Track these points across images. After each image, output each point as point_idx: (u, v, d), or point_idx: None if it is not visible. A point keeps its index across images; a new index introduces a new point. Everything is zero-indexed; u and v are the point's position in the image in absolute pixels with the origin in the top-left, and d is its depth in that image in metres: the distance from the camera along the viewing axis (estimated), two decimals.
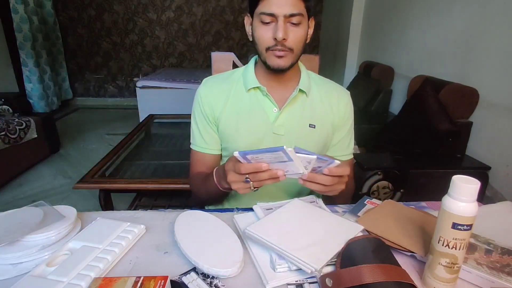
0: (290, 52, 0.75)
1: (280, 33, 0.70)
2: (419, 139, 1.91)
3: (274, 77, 0.83)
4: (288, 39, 0.73)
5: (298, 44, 0.75)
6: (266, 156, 0.59)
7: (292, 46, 0.74)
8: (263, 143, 0.82)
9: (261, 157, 0.59)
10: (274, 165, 0.61)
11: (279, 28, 0.70)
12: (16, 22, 3.74)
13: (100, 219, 0.66)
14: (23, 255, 0.56)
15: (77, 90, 5.16)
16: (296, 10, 0.70)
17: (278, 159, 0.59)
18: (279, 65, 0.76)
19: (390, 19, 2.98)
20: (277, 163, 0.60)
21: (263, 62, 0.79)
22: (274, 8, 0.70)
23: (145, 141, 2.51)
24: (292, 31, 0.73)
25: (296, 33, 0.73)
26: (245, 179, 0.62)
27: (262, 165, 0.60)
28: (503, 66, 1.66)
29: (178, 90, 3.72)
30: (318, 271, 0.51)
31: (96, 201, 1.67)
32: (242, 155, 0.60)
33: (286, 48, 0.74)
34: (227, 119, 0.84)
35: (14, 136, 2.45)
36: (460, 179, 0.48)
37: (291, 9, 0.70)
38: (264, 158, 0.59)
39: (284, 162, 0.59)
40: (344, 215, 0.72)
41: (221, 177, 0.72)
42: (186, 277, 0.53)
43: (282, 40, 0.72)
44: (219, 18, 5.01)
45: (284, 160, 0.58)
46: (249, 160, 0.61)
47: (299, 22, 0.72)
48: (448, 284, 0.50)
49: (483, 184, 1.65)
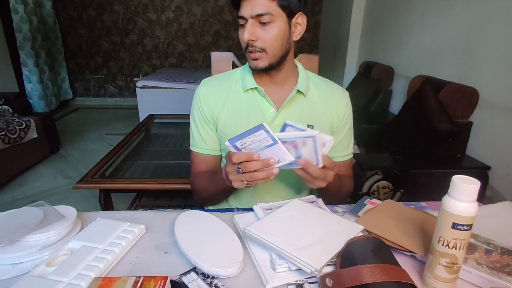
0: (264, 53, 0.74)
1: (245, 34, 0.72)
2: (419, 139, 1.91)
3: (267, 77, 0.83)
4: (258, 39, 0.73)
5: (271, 44, 0.73)
6: (252, 142, 0.61)
7: (263, 46, 0.73)
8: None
9: (248, 144, 0.62)
10: (264, 153, 0.63)
11: (245, 29, 0.72)
12: (16, 22, 3.74)
13: (100, 219, 0.66)
14: (23, 255, 0.56)
15: (77, 90, 5.16)
16: (262, 10, 0.70)
17: (264, 142, 0.61)
18: (256, 66, 0.76)
19: (390, 19, 2.98)
20: (266, 149, 0.62)
21: None
22: (242, 10, 0.72)
23: (145, 141, 2.50)
24: (262, 31, 0.72)
25: (267, 33, 0.72)
26: (236, 169, 0.65)
27: (253, 155, 0.63)
28: (503, 66, 1.66)
29: (178, 90, 3.72)
30: (318, 271, 0.51)
31: (96, 201, 1.67)
32: (232, 143, 0.63)
33: (258, 49, 0.74)
34: (226, 119, 0.84)
35: (14, 136, 2.45)
36: (460, 179, 0.48)
37: (257, 10, 0.70)
38: (253, 145, 0.62)
39: (271, 146, 0.61)
40: (344, 215, 0.72)
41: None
42: (186, 277, 0.53)
43: (250, 41, 0.73)
44: (218, 18, 5.01)
45: (270, 143, 0.61)
46: (239, 149, 0.64)
47: (269, 21, 0.71)
48: (448, 284, 0.50)
49: (483, 184, 1.66)
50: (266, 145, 0.62)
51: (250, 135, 0.60)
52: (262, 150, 0.63)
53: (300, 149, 0.64)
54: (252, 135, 0.60)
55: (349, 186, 0.90)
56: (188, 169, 0.94)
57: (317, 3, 4.91)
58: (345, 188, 0.88)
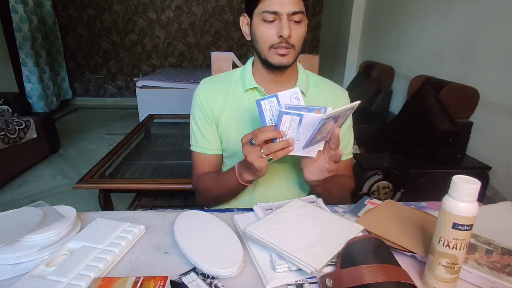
0: (293, 49, 0.76)
1: (286, 30, 0.71)
2: (419, 139, 1.91)
3: (272, 77, 0.83)
4: (292, 36, 0.74)
5: (299, 41, 0.76)
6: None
7: (294, 43, 0.75)
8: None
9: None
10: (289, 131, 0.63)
11: (284, 25, 0.71)
12: (15, 22, 3.74)
13: (100, 219, 0.66)
14: (23, 255, 0.56)
15: (76, 90, 5.16)
16: (298, 8, 0.72)
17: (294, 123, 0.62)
18: (282, 62, 0.76)
19: (390, 19, 2.98)
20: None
21: (263, 60, 0.79)
22: (277, 6, 0.71)
23: (145, 141, 2.50)
24: (294, 29, 0.74)
25: (298, 30, 0.75)
26: (250, 141, 0.65)
27: (278, 133, 0.63)
28: (503, 66, 1.66)
29: (178, 90, 3.72)
30: (318, 271, 0.51)
31: (96, 201, 1.67)
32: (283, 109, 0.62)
33: (290, 45, 0.75)
34: (227, 119, 0.84)
35: (13, 136, 2.45)
36: (461, 179, 0.48)
37: (294, 7, 0.71)
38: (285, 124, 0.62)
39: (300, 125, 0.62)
40: (344, 215, 0.72)
41: (243, 167, 0.73)
42: (186, 277, 0.53)
43: (287, 38, 0.73)
44: (219, 17, 5.01)
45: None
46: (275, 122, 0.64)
47: (300, 20, 0.74)
48: (448, 284, 0.50)
49: (484, 184, 1.65)
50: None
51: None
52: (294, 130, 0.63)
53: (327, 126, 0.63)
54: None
55: (349, 186, 0.90)
56: (188, 169, 0.94)
57: (317, 3, 4.91)
58: (345, 187, 0.88)
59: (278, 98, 0.66)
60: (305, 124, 0.62)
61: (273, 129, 0.63)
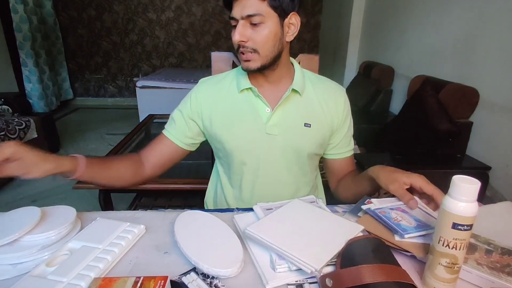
0: (255, 54, 0.74)
1: (236, 35, 0.72)
2: (419, 139, 1.91)
3: (263, 78, 0.82)
4: (249, 40, 0.72)
5: (262, 44, 0.73)
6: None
7: (255, 47, 0.73)
8: (256, 143, 0.82)
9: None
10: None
11: (236, 30, 0.72)
12: (15, 22, 3.74)
13: (100, 219, 0.66)
14: (23, 255, 0.56)
15: (77, 90, 5.16)
16: (253, 11, 0.70)
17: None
18: (248, 67, 0.76)
19: (390, 19, 2.98)
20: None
21: None
22: (233, 11, 0.72)
23: (145, 141, 2.50)
24: (254, 32, 0.72)
25: (258, 34, 0.72)
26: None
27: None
28: (503, 66, 1.66)
29: (178, 90, 3.72)
30: (318, 271, 0.51)
31: (96, 201, 1.67)
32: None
33: (249, 50, 0.73)
34: (221, 120, 0.84)
35: (14, 136, 2.45)
36: (460, 179, 0.48)
37: (248, 10, 0.70)
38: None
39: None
40: (344, 215, 0.72)
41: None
42: (186, 277, 0.53)
43: (241, 42, 0.72)
44: (219, 18, 5.01)
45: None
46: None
47: (259, 22, 0.71)
48: (448, 284, 0.50)
49: (483, 184, 1.65)
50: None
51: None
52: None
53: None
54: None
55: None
56: (188, 169, 0.93)
57: (317, 3, 4.91)
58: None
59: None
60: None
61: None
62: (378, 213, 0.66)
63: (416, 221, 0.63)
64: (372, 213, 0.66)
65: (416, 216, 0.65)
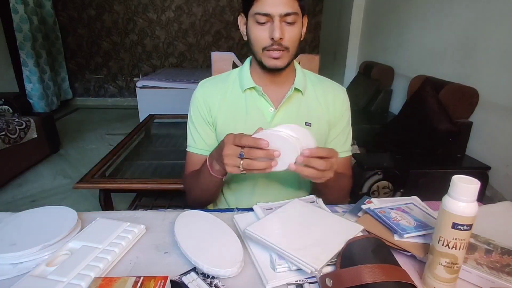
0: (286, 52, 0.75)
1: (277, 32, 0.71)
2: (419, 139, 1.91)
3: (269, 77, 0.83)
4: (284, 38, 0.73)
5: (293, 43, 0.75)
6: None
7: (288, 45, 0.74)
8: None
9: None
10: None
11: (276, 27, 0.71)
12: (16, 22, 3.74)
13: (100, 219, 0.66)
14: (23, 255, 0.56)
15: (77, 90, 5.16)
16: (290, 9, 0.71)
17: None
18: (276, 65, 0.76)
19: (390, 19, 2.98)
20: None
21: (258, 62, 0.79)
22: (269, 8, 0.70)
23: (145, 141, 2.50)
24: (288, 30, 0.73)
25: (292, 32, 0.73)
26: (239, 153, 0.63)
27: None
28: (503, 66, 1.66)
29: (178, 90, 3.72)
30: (318, 271, 0.51)
31: (96, 201, 1.67)
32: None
33: (283, 48, 0.74)
34: (225, 120, 0.84)
35: (14, 136, 2.45)
36: (460, 179, 0.48)
37: (286, 8, 0.70)
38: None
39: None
40: (344, 215, 0.72)
41: (214, 157, 0.73)
42: (186, 277, 0.53)
43: (279, 40, 0.72)
44: (219, 18, 5.01)
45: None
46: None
47: (294, 21, 0.72)
48: (448, 284, 0.50)
49: (483, 184, 1.65)
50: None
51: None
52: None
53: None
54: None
55: (347, 185, 0.90)
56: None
57: (318, 3, 4.91)
58: (343, 186, 0.87)
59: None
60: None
61: (266, 152, 0.62)
62: (378, 213, 0.66)
63: (416, 221, 0.64)
64: (372, 213, 0.66)
65: (416, 216, 0.65)
